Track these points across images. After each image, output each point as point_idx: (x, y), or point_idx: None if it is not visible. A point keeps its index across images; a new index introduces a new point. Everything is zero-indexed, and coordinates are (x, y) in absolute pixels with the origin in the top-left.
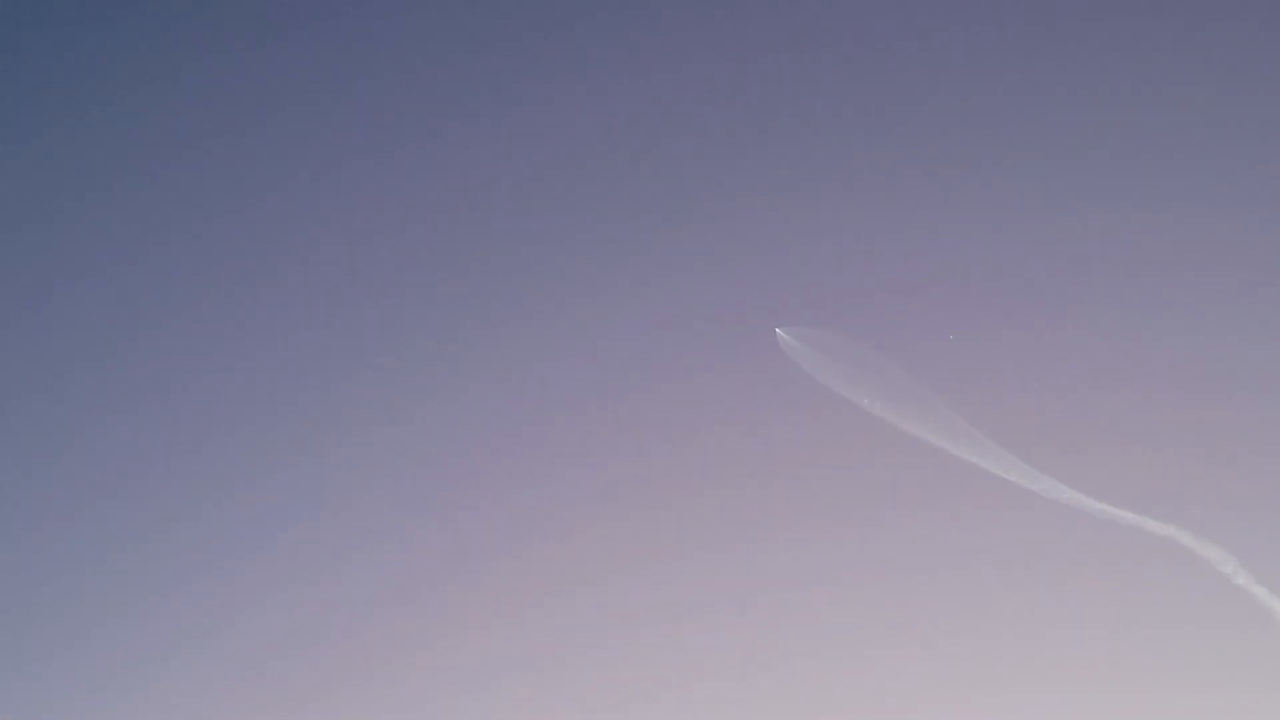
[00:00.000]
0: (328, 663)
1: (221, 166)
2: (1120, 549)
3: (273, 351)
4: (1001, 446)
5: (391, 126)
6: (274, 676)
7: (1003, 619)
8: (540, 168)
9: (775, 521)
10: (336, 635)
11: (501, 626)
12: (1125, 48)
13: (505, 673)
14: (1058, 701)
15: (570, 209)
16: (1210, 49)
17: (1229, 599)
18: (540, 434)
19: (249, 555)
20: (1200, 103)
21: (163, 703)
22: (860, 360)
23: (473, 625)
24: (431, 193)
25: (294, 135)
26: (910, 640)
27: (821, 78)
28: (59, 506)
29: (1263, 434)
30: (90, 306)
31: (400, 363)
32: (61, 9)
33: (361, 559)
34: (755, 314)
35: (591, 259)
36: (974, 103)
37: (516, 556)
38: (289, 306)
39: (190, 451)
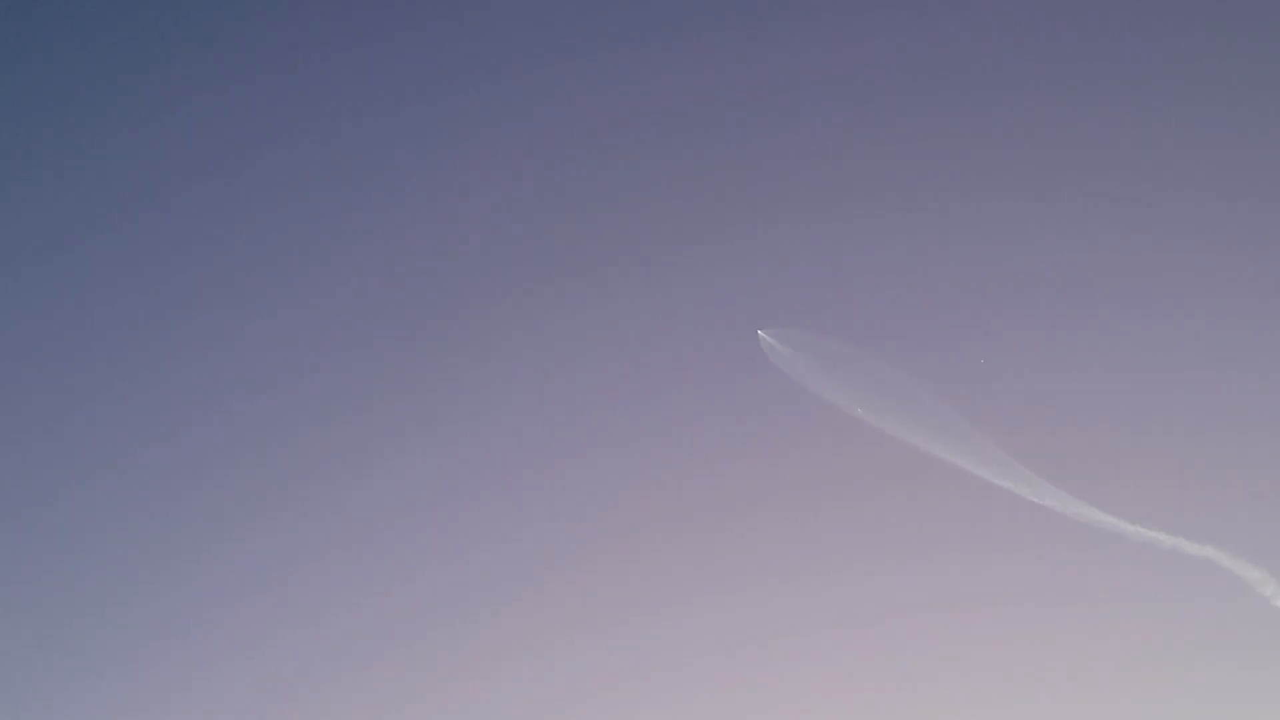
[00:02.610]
0: (327, 662)
1: (223, 168)
2: (1158, 572)
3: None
4: (1033, 471)
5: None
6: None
7: (1034, 645)
8: (527, 168)
9: (781, 549)
10: (336, 635)
11: (493, 621)
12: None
13: (500, 667)
14: None
15: (558, 210)
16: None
17: (1270, 621)
18: (520, 442)
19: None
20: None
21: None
22: (854, 366)
23: (464, 619)
24: (420, 192)
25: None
26: (932, 668)
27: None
28: (88, 506)
29: None
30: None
31: (394, 358)
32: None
33: (360, 557)
34: (741, 316)
35: (582, 262)
36: (980, 98)
37: (500, 559)
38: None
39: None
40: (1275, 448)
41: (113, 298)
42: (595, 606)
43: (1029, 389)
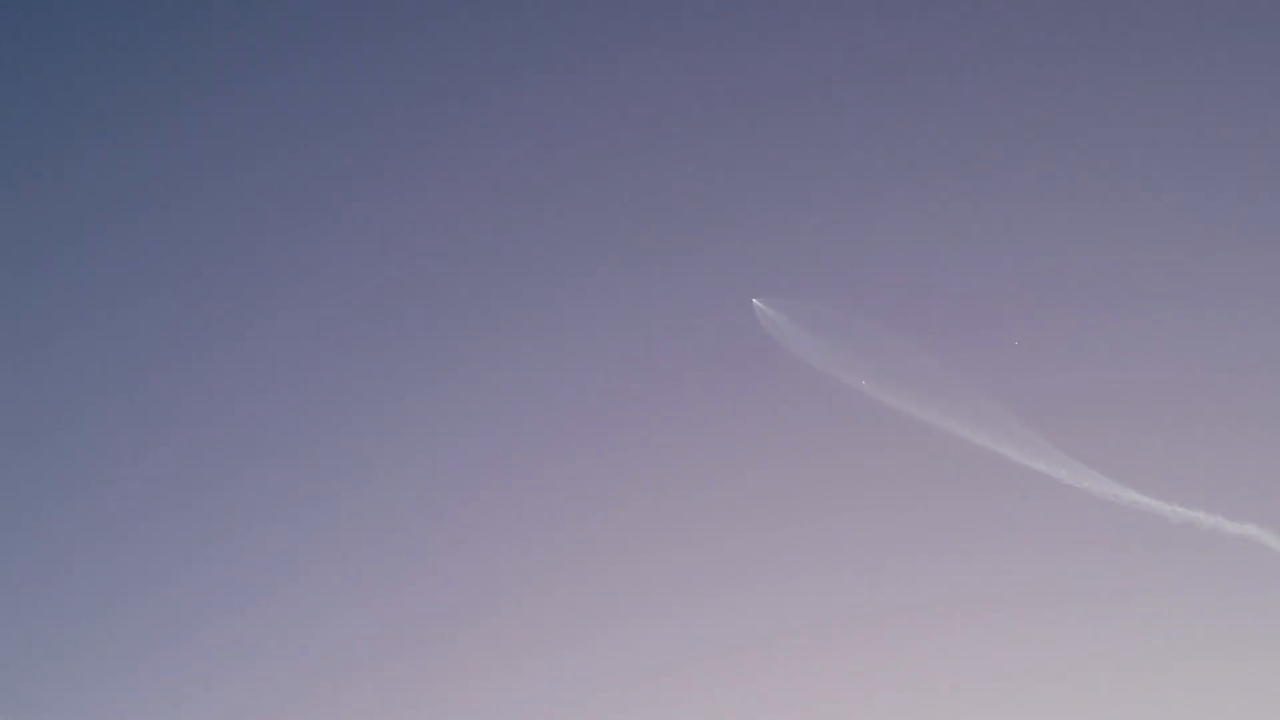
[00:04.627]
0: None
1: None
2: (1199, 551)
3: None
4: (1070, 455)
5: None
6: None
7: (1074, 625)
8: (528, 161)
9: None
10: (335, 637)
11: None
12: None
13: (503, 667)
14: (1139, 704)
15: (559, 205)
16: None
17: None
18: (521, 432)
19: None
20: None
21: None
22: (858, 336)
23: (464, 621)
24: (420, 194)
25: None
26: (975, 646)
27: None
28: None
29: None
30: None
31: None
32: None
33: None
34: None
35: (586, 259)
36: (1027, 85)
37: (498, 552)
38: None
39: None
40: None
41: (130, 299)
42: (618, 600)
43: (1063, 372)
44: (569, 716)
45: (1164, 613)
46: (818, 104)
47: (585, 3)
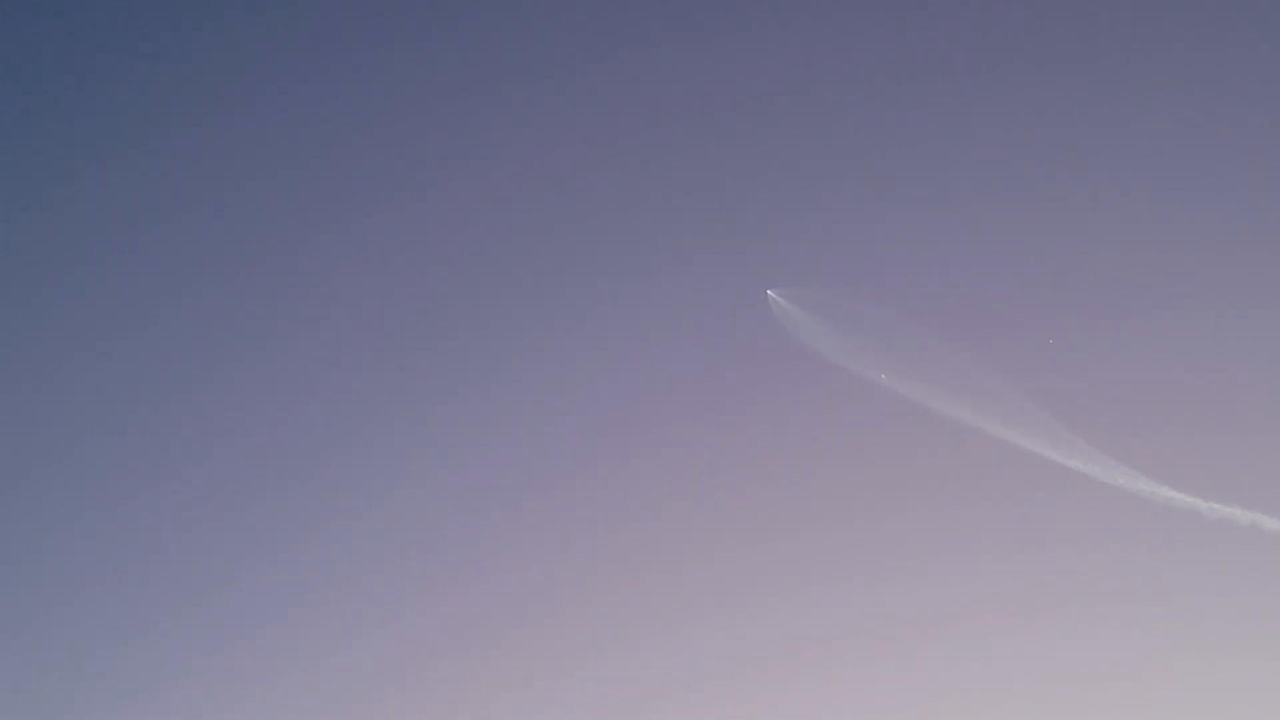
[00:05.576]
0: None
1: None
2: (1235, 548)
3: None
4: (1099, 449)
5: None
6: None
7: (1108, 624)
8: (542, 161)
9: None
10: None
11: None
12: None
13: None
14: (1182, 704)
15: (573, 203)
16: None
17: None
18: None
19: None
20: None
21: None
22: (878, 329)
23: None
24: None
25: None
26: (1006, 646)
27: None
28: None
29: None
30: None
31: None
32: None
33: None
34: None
35: (593, 263)
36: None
37: (507, 557)
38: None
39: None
40: None
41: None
42: (638, 605)
43: (1094, 365)
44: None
45: (1201, 610)
46: (838, 96)
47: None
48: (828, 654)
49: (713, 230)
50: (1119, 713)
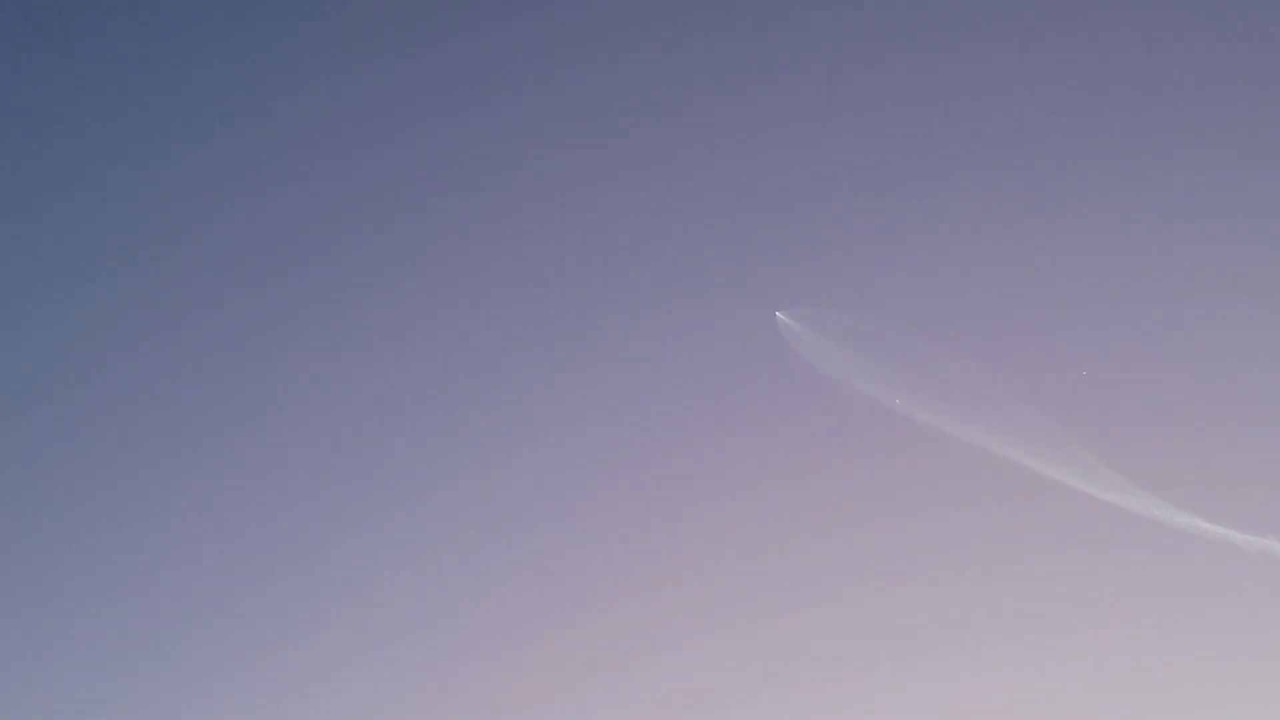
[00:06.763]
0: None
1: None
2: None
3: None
4: (1126, 476)
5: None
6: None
7: (1130, 649)
8: (546, 172)
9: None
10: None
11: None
12: None
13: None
14: None
15: (576, 217)
16: None
17: None
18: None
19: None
20: None
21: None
22: (890, 350)
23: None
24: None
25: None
26: (1021, 667)
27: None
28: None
29: None
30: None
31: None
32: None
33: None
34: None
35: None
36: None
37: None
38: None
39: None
40: None
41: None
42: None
43: (1119, 387)
44: None
45: (1219, 636)
46: (843, 109)
47: (608, 9)
48: (837, 667)
49: (722, 252)
50: None
